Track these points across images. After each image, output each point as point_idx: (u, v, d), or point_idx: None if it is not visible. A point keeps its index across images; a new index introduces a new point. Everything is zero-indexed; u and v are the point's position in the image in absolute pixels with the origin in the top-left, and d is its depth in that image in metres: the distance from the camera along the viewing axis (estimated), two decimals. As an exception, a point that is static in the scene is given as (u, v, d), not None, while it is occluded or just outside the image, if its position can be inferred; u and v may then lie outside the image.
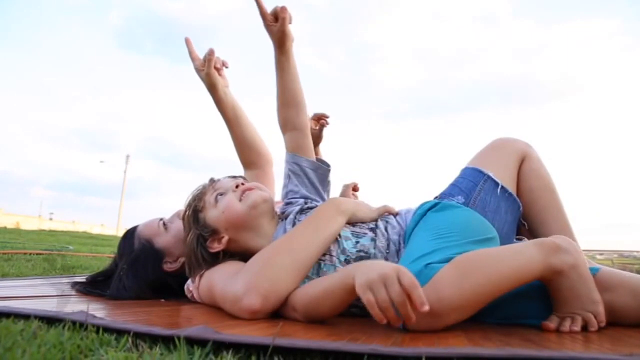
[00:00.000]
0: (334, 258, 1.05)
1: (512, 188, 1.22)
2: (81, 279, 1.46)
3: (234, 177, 1.22)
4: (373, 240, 1.08)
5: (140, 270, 1.26)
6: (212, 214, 1.13)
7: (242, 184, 1.17)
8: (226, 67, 1.45)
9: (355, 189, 1.89)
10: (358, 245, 1.07)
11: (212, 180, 1.21)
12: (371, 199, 1.72)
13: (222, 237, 1.11)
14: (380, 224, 1.13)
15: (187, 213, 1.16)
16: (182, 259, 1.28)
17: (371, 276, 0.75)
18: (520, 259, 0.85)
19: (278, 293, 0.93)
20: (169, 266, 1.30)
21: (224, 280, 1.00)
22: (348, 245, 1.07)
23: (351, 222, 1.13)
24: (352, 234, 1.10)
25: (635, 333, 0.83)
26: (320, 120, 1.79)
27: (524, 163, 1.26)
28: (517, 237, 1.25)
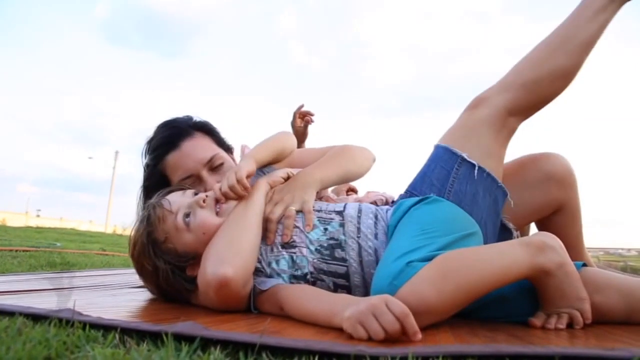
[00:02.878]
0: (304, 249, 1.03)
1: (496, 168, 1.12)
2: (71, 275, 1.44)
3: (182, 188, 1.14)
4: (342, 225, 1.06)
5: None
6: (187, 239, 1.03)
7: (206, 195, 1.07)
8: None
9: (354, 190, 1.91)
10: (327, 232, 1.05)
11: (156, 205, 1.06)
12: (361, 195, 1.72)
13: None
14: (350, 209, 1.09)
15: (137, 249, 1.04)
16: None
17: (359, 309, 0.71)
18: (505, 259, 0.85)
19: (242, 256, 0.93)
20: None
21: None
22: (317, 233, 1.05)
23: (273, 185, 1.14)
24: (318, 220, 1.07)
25: (619, 330, 0.84)
26: (305, 117, 1.82)
27: (558, 215, 1.26)
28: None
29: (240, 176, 1.03)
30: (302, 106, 1.84)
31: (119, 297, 1.25)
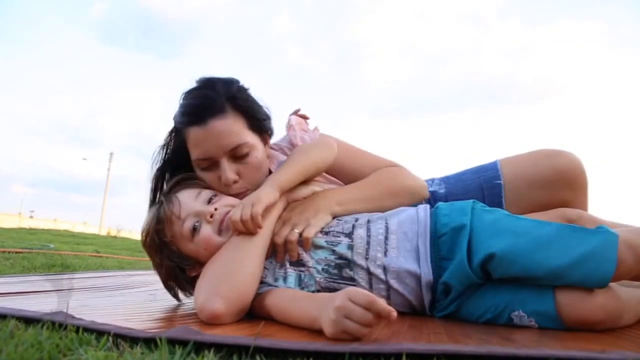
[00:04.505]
0: (312, 269, 1.00)
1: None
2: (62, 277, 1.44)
3: (196, 185, 1.10)
4: (350, 248, 1.00)
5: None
6: (190, 248, 1.03)
7: (215, 209, 1.03)
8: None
9: None
10: (335, 253, 1.01)
11: (166, 205, 1.03)
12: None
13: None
14: (359, 229, 1.03)
15: (148, 241, 1.05)
16: None
17: (331, 318, 0.70)
18: None
19: (240, 291, 0.90)
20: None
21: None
22: (324, 253, 1.01)
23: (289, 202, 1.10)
24: (326, 242, 1.02)
25: (614, 332, 0.85)
26: None
27: None
28: None
29: (255, 212, 0.95)
30: (298, 110, 1.85)
31: (113, 298, 1.25)
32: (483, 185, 1.32)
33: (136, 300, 1.21)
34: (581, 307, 0.85)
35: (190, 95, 1.14)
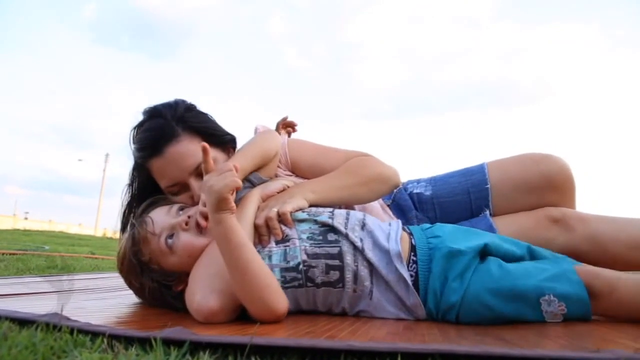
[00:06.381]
0: (296, 240, 1.01)
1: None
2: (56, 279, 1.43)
3: (168, 203, 1.11)
4: (331, 217, 1.04)
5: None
6: (172, 261, 1.02)
7: (189, 216, 1.03)
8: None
9: None
10: (317, 222, 1.03)
11: (138, 226, 1.04)
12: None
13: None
14: (339, 209, 1.09)
15: (125, 266, 1.05)
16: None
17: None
18: None
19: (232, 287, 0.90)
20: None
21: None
22: (308, 224, 1.03)
23: (263, 198, 1.11)
24: (307, 214, 1.05)
25: (606, 329, 0.85)
26: (287, 128, 1.84)
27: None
28: None
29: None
30: (285, 118, 1.85)
31: (108, 300, 1.25)
32: (470, 189, 1.33)
33: (131, 301, 1.21)
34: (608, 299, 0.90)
35: (140, 129, 1.17)
